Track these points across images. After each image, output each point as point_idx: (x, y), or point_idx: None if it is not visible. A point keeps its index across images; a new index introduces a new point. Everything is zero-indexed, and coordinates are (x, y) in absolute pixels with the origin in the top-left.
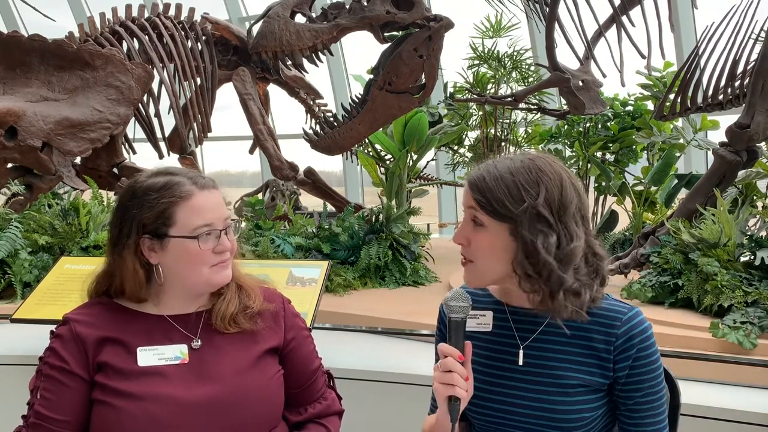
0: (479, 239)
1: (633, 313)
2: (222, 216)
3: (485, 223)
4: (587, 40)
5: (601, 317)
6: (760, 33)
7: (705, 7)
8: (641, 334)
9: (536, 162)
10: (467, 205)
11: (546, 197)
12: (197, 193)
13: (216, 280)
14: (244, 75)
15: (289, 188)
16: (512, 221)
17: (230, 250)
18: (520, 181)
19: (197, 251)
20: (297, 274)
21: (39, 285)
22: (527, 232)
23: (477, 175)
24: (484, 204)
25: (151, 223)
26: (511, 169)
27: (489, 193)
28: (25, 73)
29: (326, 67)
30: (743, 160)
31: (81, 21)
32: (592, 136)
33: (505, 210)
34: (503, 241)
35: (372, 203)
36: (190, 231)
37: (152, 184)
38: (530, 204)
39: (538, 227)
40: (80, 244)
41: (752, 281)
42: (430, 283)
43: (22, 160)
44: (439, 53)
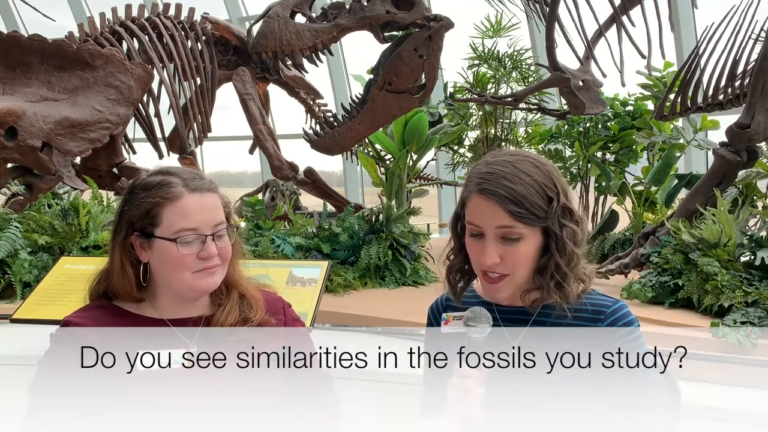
0: (516, 253)
1: (617, 306)
2: (212, 221)
3: (523, 234)
4: (587, 40)
5: (585, 312)
6: (760, 33)
7: (705, 7)
8: (625, 326)
9: (531, 160)
10: (497, 225)
11: (562, 189)
12: (186, 196)
13: (199, 286)
14: (244, 75)
15: (289, 188)
16: (544, 222)
17: (220, 257)
18: (539, 181)
19: (177, 255)
20: (297, 274)
21: (39, 285)
22: (557, 228)
23: (504, 190)
24: (524, 215)
25: (138, 221)
26: (525, 172)
27: (526, 201)
28: (25, 73)
29: (326, 67)
30: (743, 160)
31: (81, 21)
32: (592, 136)
33: (542, 212)
34: (538, 245)
35: (372, 203)
36: (171, 234)
37: (147, 182)
38: (556, 199)
39: (562, 221)
40: (80, 244)
41: (752, 281)
42: (430, 283)
43: (22, 160)
44: (439, 53)
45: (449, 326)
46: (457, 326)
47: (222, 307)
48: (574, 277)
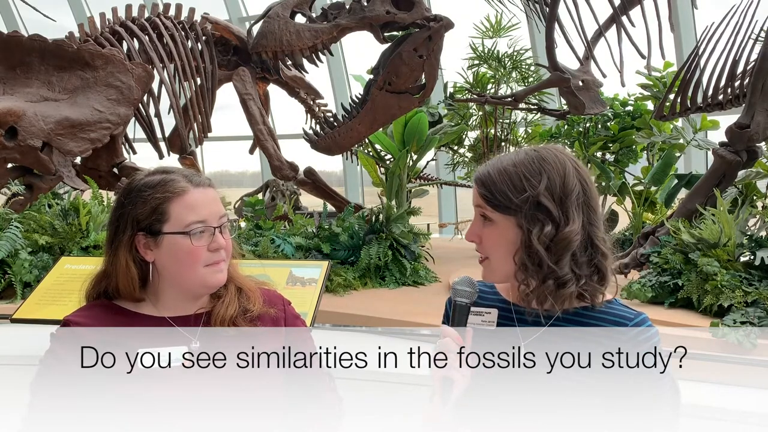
0: (489, 235)
1: (640, 319)
2: (217, 213)
3: (494, 218)
4: (587, 40)
5: (607, 322)
6: (760, 33)
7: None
8: (648, 341)
9: (540, 153)
10: (475, 203)
11: (548, 185)
12: (192, 190)
13: (211, 282)
14: (244, 75)
15: (289, 188)
16: (516, 213)
17: (225, 249)
18: (523, 172)
19: (190, 248)
20: (297, 274)
21: (39, 285)
22: (526, 222)
23: (483, 171)
24: (490, 198)
25: (145, 219)
26: (515, 161)
27: (493, 186)
28: (26, 73)
29: (326, 67)
30: (743, 160)
31: (81, 21)
32: (592, 136)
33: (508, 202)
34: (512, 235)
35: (372, 203)
36: (182, 227)
37: (148, 181)
38: (531, 193)
39: (538, 217)
40: (80, 244)
41: (752, 281)
42: (430, 283)
43: (22, 160)
44: (439, 53)
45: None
46: (473, 320)
47: (221, 299)
48: (559, 283)
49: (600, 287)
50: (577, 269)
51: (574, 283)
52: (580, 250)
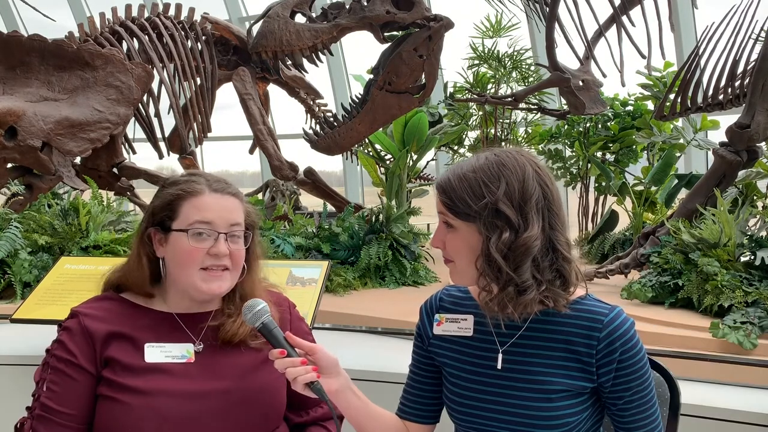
0: (452, 242)
1: (614, 314)
2: (227, 220)
3: (455, 225)
4: (587, 40)
5: (581, 319)
6: (760, 33)
7: (705, 7)
8: (623, 336)
9: (500, 157)
10: (438, 210)
11: (506, 191)
12: (206, 193)
13: (203, 287)
14: (244, 75)
15: (289, 188)
16: (476, 220)
17: (231, 259)
18: (482, 178)
19: (188, 248)
20: (297, 274)
21: (39, 285)
22: (485, 229)
23: (443, 178)
24: (451, 205)
25: (158, 213)
26: (474, 167)
27: (453, 193)
28: (25, 73)
29: (326, 67)
30: (743, 160)
31: (81, 21)
32: (592, 136)
33: (468, 209)
34: (473, 242)
35: (372, 203)
36: (185, 225)
37: (176, 179)
38: (490, 200)
39: (497, 223)
40: (80, 244)
41: (752, 281)
42: (430, 283)
43: (22, 160)
44: (439, 53)
45: (441, 327)
46: (449, 328)
47: (232, 318)
48: (520, 290)
49: (563, 292)
50: (539, 275)
51: (534, 289)
52: (541, 255)
